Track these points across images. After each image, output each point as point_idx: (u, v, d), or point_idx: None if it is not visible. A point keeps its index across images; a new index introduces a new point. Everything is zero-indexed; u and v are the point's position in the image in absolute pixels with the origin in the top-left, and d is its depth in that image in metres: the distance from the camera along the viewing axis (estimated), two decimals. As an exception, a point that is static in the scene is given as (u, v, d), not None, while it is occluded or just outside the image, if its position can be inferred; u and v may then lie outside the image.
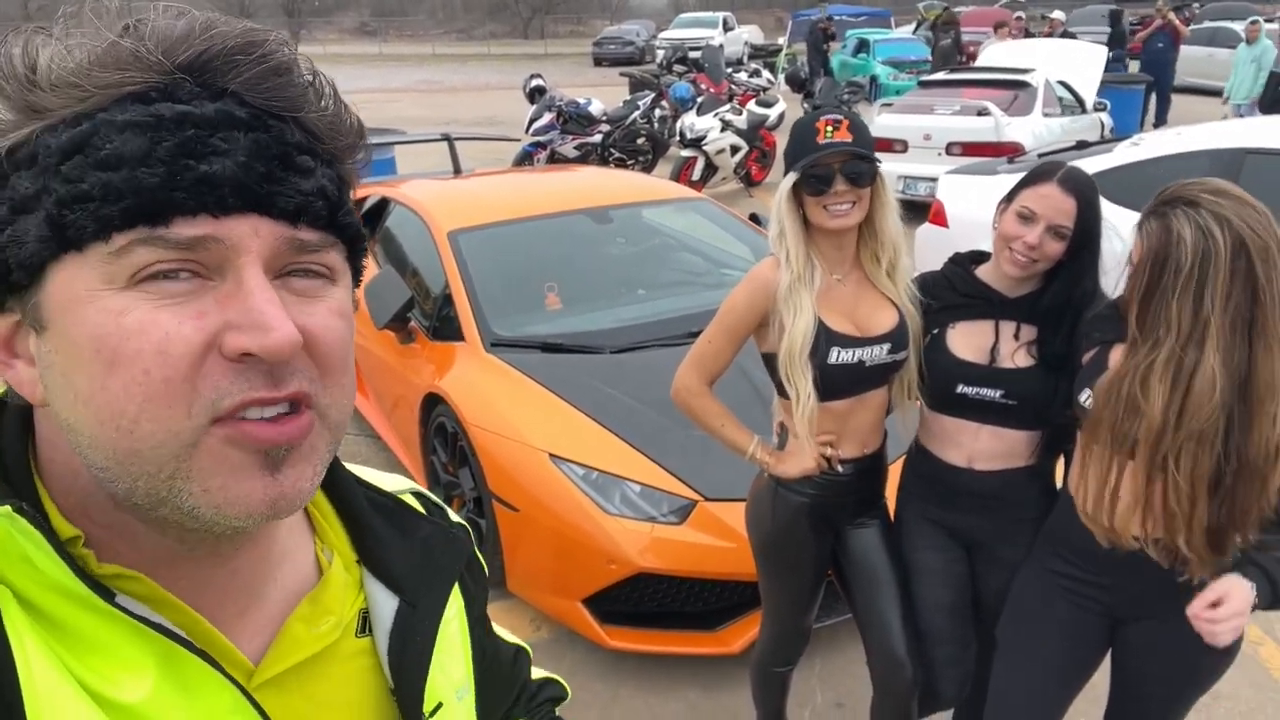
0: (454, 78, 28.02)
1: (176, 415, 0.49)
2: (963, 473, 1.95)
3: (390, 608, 0.67)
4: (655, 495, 2.75)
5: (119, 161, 0.48)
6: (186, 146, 0.49)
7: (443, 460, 3.40)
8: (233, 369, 0.49)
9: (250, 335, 0.49)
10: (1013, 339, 1.88)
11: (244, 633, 0.59)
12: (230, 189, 0.50)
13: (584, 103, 10.15)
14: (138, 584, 0.54)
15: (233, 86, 0.51)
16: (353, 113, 0.59)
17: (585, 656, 2.93)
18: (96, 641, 0.50)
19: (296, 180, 0.52)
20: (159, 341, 0.48)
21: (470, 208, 4.16)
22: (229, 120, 0.50)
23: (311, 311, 0.54)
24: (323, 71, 0.57)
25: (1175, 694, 1.80)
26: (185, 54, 0.51)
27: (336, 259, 0.57)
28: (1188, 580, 1.63)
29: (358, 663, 0.65)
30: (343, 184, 0.57)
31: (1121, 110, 11.23)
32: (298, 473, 0.53)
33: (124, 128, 0.49)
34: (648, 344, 3.41)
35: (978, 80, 9.19)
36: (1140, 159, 4.57)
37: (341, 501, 0.70)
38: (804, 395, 1.86)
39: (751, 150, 9.75)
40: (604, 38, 31.95)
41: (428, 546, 0.72)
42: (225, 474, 0.50)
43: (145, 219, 0.48)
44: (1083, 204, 1.77)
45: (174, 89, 0.50)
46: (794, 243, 1.87)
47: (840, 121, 1.81)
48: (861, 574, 2.09)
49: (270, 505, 0.52)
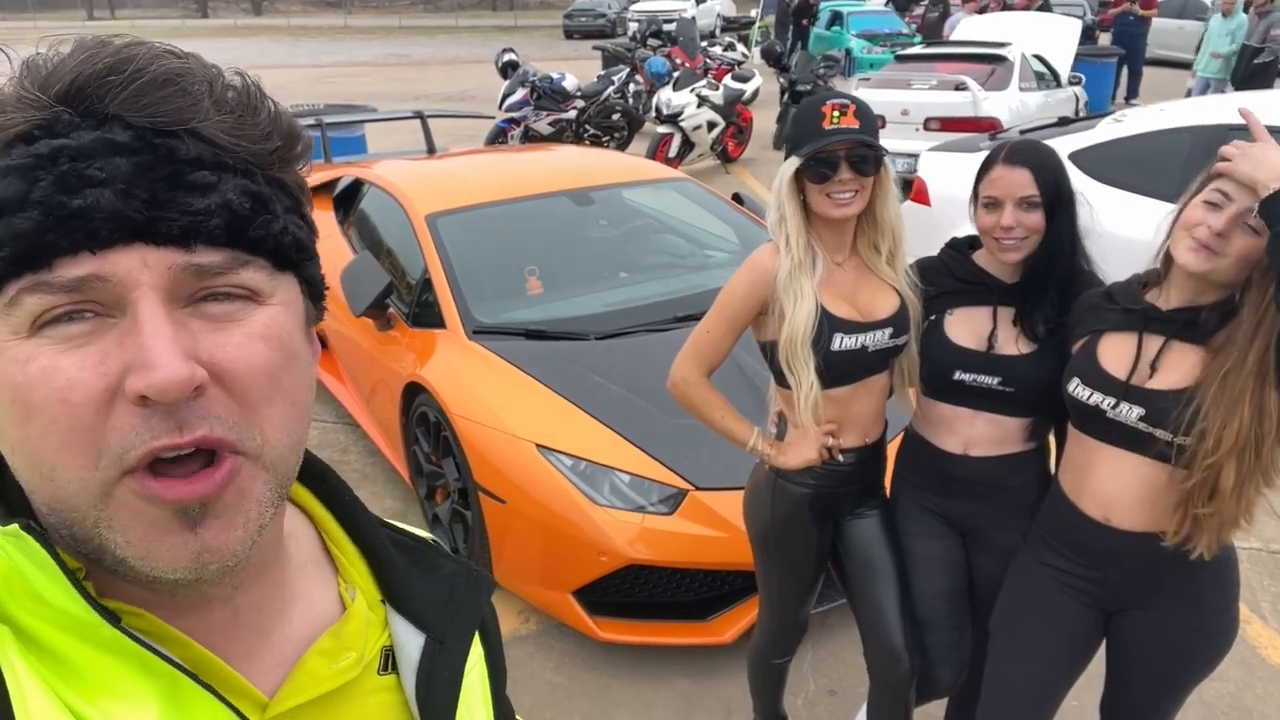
0: (422, 51, 27.58)
1: (86, 465, 0.47)
2: (959, 459, 1.94)
3: (416, 645, 0.65)
4: (645, 485, 2.71)
5: (1, 210, 0.47)
6: (62, 181, 0.47)
7: (425, 450, 3.33)
8: (139, 414, 0.47)
9: (140, 375, 0.47)
10: (1011, 325, 1.86)
11: (255, 670, 0.57)
12: (103, 221, 0.47)
13: (558, 78, 9.98)
14: (140, 619, 0.52)
15: (112, 109, 0.49)
16: (281, 114, 0.55)
17: (575, 648, 2.89)
18: (97, 674, 0.49)
19: (187, 199, 0.49)
20: (61, 389, 0.47)
21: (448, 190, 4.07)
22: (107, 146, 0.48)
23: (223, 342, 0.50)
24: (240, 73, 0.54)
25: (1169, 682, 1.80)
26: (59, 85, 0.49)
27: (255, 277, 0.52)
28: (1178, 571, 1.66)
29: (380, 699, 0.63)
30: (264, 194, 0.53)
31: (1095, 83, 11.25)
32: (223, 524, 0.50)
33: (6, 173, 0.48)
34: (633, 329, 3.36)
35: (954, 55, 9.15)
36: (1123, 135, 4.56)
37: (364, 541, 0.68)
38: (806, 384, 1.82)
39: (728, 126, 9.67)
40: (575, 10, 31.53)
41: (452, 585, 0.70)
42: (143, 528, 0.49)
43: (29, 265, 0.47)
44: (1034, 169, 1.77)
45: (54, 124, 0.49)
46: (795, 229, 1.83)
47: (847, 106, 1.76)
48: (859, 564, 2.07)
49: (195, 559, 0.50)
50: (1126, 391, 1.63)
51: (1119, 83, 13.13)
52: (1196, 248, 1.54)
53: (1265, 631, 2.95)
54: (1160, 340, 1.64)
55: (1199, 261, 1.54)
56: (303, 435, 0.56)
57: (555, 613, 2.84)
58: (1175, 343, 1.63)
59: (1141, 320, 1.67)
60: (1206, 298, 1.61)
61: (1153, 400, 1.60)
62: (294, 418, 0.54)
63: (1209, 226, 1.52)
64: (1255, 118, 1.60)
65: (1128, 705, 1.87)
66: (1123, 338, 1.69)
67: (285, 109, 0.56)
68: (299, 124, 0.57)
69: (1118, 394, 1.64)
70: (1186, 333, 1.62)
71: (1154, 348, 1.64)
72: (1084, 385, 1.69)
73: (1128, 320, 1.69)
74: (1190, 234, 1.55)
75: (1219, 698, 2.68)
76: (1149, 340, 1.65)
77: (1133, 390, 1.63)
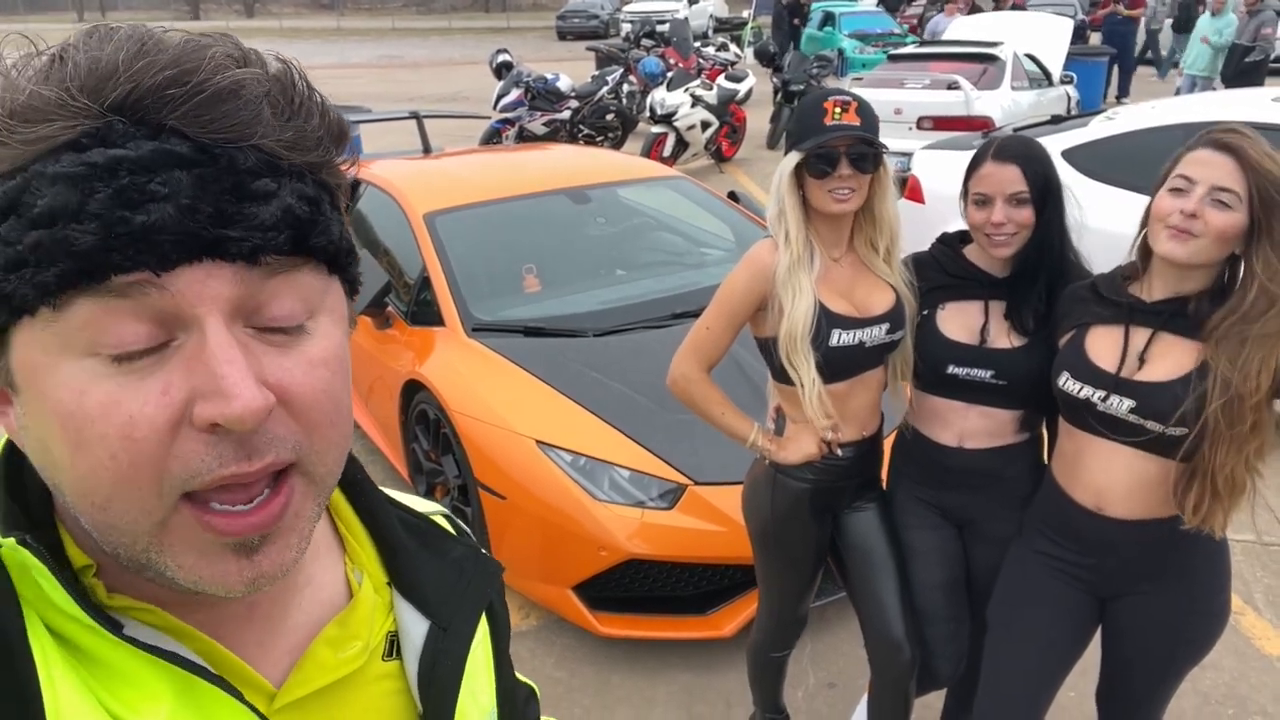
0: (415, 52, 27.56)
1: (147, 495, 0.46)
2: (953, 452, 1.96)
3: (420, 631, 0.65)
4: (644, 480, 2.73)
5: (51, 219, 0.44)
6: (122, 195, 0.44)
7: (425, 448, 3.34)
8: (205, 440, 0.46)
9: (214, 404, 0.45)
10: (1002, 319, 1.88)
11: (265, 659, 0.57)
12: (170, 241, 0.45)
13: (552, 78, 10.00)
14: (152, 615, 0.52)
15: (170, 122, 0.46)
16: (330, 112, 0.53)
17: (575, 642, 2.91)
18: (114, 666, 0.50)
19: (253, 210, 0.47)
20: (123, 426, 0.45)
21: (446, 189, 4.08)
22: (168, 159, 0.45)
23: (288, 365, 0.49)
24: (289, 69, 0.51)
25: (1163, 667, 1.83)
26: (114, 94, 0.46)
27: (310, 281, 0.51)
28: (1171, 556, 1.70)
29: (384, 686, 0.63)
30: (316, 198, 0.52)
31: (1087, 83, 11.30)
32: (278, 549, 0.51)
33: (55, 180, 0.44)
34: (631, 326, 3.37)
35: (946, 54, 9.18)
36: (1115, 133, 4.59)
37: (373, 522, 0.67)
38: (809, 380, 1.84)
39: (722, 126, 9.70)
40: (568, 11, 31.57)
41: (460, 569, 0.70)
42: (196, 554, 0.48)
43: (84, 280, 0.44)
44: (1023, 165, 1.78)
45: (107, 133, 0.45)
46: (794, 224, 1.84)
47: (849, 103, 1.78)
48: (858, 557, 2.08)
49: (249, 584, 0.50)
50: (1117, 384, 1.65)
51: (1110, 82, 13.16)
52: (1174, 234, 1.57)
53: (1259, 623, 2.98)
54: (1147, 332, 1.66)
55: (1179, 247, 1.57)
56: (349, 445, 0.55)
57: (555, 608, 2.85)
58: (1163, 334, 1.65)
59: (1127, 313, 1.69)
60: (1189, 286, 1.63)
61: (1143, 392, 1.62)
62: (345, 439, 0.54)
63: (1181, 210, 1.55)
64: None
65: (1123, 690, 1.89)
66: (1109, 330, 1.71)
67: (331, 103, 0.54)
68: (344, 118, 0.55)
69: (1108, 387, 1.66)
70: (1174, 324, 1.64)
71: (1141, 340, 1.67)
72: (1074, 379, 1.71)
73: (1114, 313, 1.71)
74: (1164, 224, 1.58)
75: (1214, 687, 2.70)
76: (1136, 332, 1.68)
77: (1123, 383, 1.65)
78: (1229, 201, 1.53)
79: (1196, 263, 1.59)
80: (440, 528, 0.73)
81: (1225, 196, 1.53)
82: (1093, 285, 1.78)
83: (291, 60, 0.52)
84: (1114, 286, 1.74)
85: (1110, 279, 1.77)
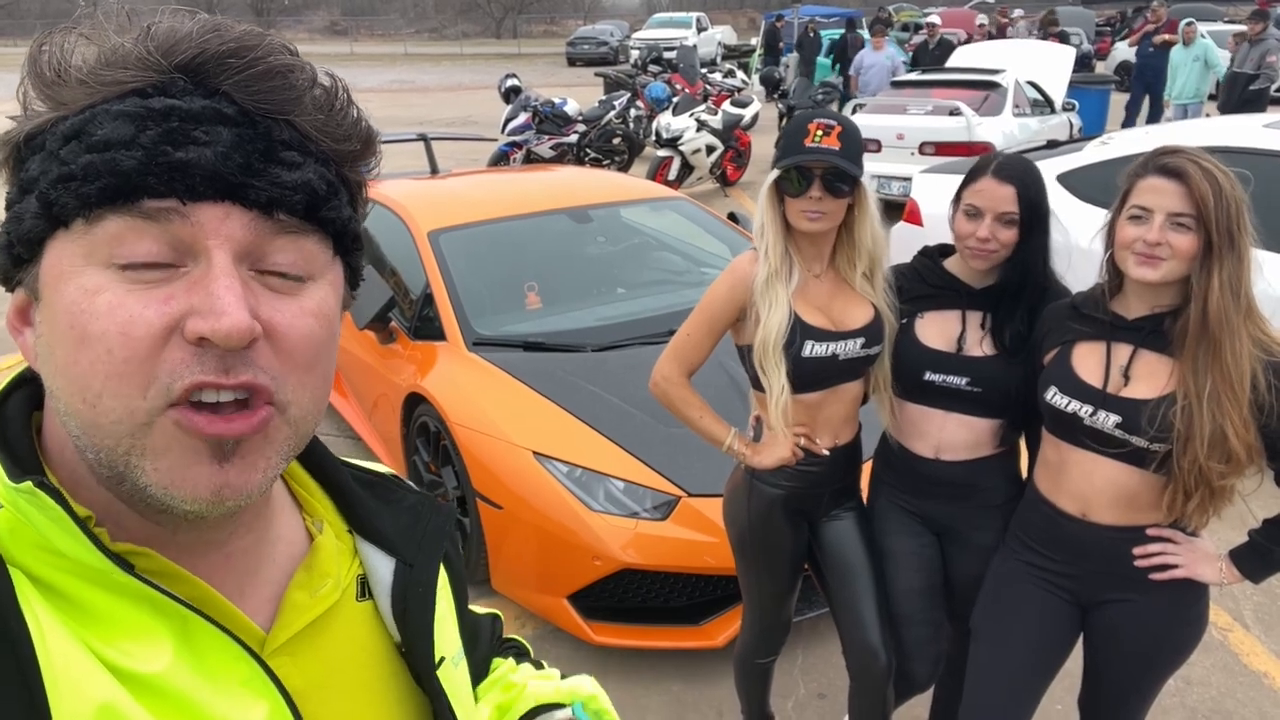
0: (426, 78, 27.87)
1: (134, 394, 0.51)
2: (930, 463, 2.01)
3: (388, 568, 0.69)
4: (639, 491, 2.77)
5: (105, 146, 0.51)
6: (170, 135, 0.52)
7: (425, 459, 3.40)
8: (191, 352, 0.51)
9: (205, 319, 0.50)
10: (979, 328, 1.94)
11: (247, 607, 0.60)
12: (202, 177, 0.52)
13: (559, 103, 10.14)
14: (148, 559, 0.55)
15: (224, 87, 0.54)
16: (364, 121, 0.61)
17: (570, 652, 2.94)
18: (113, 617, 0.52)
19: (277, 171, 0.54)
20: (123, 324, 0.50)
21: (450, 207, 4.16)
22: (215, 115, 0.53)
23: (280, 307, 0.55)
24: (335, 81, 0.59)
25: (1143, 673, 1.87)
26: (182, 55, 0.54)
27: (315, 247, 0.58)
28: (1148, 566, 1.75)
29: (362, 625, 0.68)
30: (335, 183, 0.58)
31: (1090, 110, 11.38)
32: (247, 464, 0.54)
33: (116, 116, 0.52)
34: (629, 342, 3.43)
35: (949, 81, 9.29)
36: (1108, 158, 4.66)
37: (325, 477, 0.72)
38: (777, 387, 1.89)
39: (727, 150, 9.81)
40: (578, 38, 31.89)
41: (416, 513, 0.75)
42: (174, 455, 0.52)
43: (120, 198, 0.51)
44: (1020, 187, 1.83)
45: (169, 86, 0.54)
46: (773, 238, 1.90)
47: (832, 128, 1.82)
48: (836, 565, 2.13)
49: (215, 493, 0.53)
50: (1104, 400, 1.70)
51: (1139, 111, 12.94)
52: (1142, 260, 1.64)
53: (1247, 638, 3.00)
54: (1129, 349, 1.72)
55: (1150, 271, 1.64)
56: (323, 408, 0.60)
57: (550, 617, 2.89)
58: (1143, 351, 1.71)
59: (1108, 330, 1.75)
60: (1165, 301, 1.69)
61: (1129, 408, 1.68)
62: (322, 390, 0.58)
63: (1145, 240, 1.63)
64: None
65: (1105, 695, 1.92)
66: (1093, 347, 1.77)
67: (368, 118, 0.62)
68: (376, 133, 0.63)
69: (1095, 402, 1.71)
70: (1152, 341, 1.70)
71: (1124, 356, 1.72)
72: (1061, 394, 1.76)
73: (1095, 330, 1.77)
74: (1131, 251, 1.66)
75: (1201, 702, 2.72)
76: (1117, 349, 1.73)
77: (1110, 399, 1.70)
78: (1187, 224, 1.60)
79: (1169, 280, 1.65)
80: (391, 480, 0.78)
81: (1183, 220, 1.60)
82: (1072, 304, 1.84)
83: (340, 77, 0.60)
84: (1094, 304, 1.80)
85: (1089, 297, 1.82)
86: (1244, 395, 1.58)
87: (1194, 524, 1.71)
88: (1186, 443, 1.60)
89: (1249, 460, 1.62)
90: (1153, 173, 1.65)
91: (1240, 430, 1.58)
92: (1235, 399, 1.58)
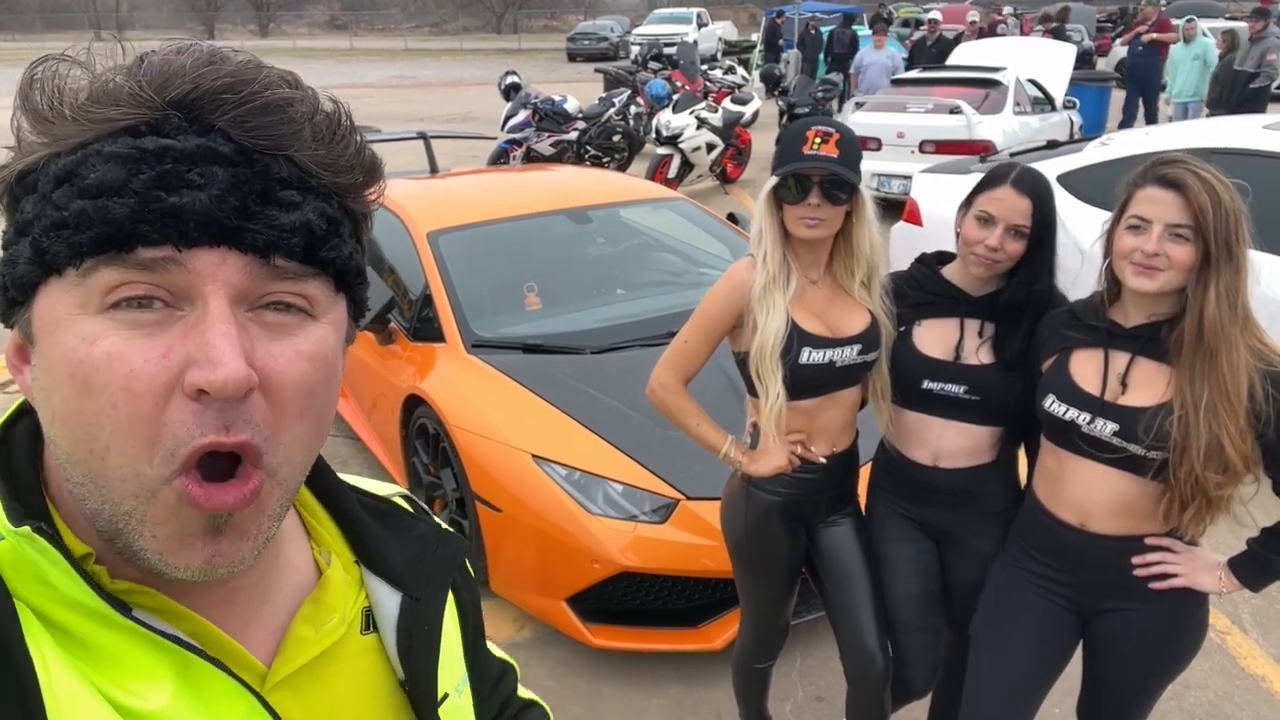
0: (427, 73, 27.83)
1: (141, 457, 0.50)
2: (928, 470, 2.01)
3: (394, 603, 0.68)
4: (637, 494, 2.78)
5: (97, 191, 0.50)
6: (163, 179, 0.50)
7: (424, 461, 3.40)
8: (193, 409, 0.50)
9: (202, 370, 0.49)
10: (977, 336, 1.93)
11: (250, 640, 0.60)
12: (196, 222, 0.50)
13: (559, 100, 10.12)
14: (149, 598, 0.55)
15: (220, 123, 0.52)
16: (366, 150, 0.59)
17: (568, 654, 2.95)
18: (115, 654, 0.52)
19: (275, 214, 0.53)
20: (125, 377, 0.49)
21: (449, 208, 4.16)
22: (209, 155, 0.51)
23: (277, 353, 0.53)
24: (337, 106, 0.58)
25: (1143, 681, 1.87)
26: (175, 91, 0.52)
27: (317, 290, 0.56)
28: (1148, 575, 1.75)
29: (365, 659, 0.67)
30: (336, 219, 0.57)
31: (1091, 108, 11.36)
32: (239, 532, 0.54)
33: (108, 158, 0.50)
34: (628, 344, 3.43)
35: (949, 79, 9.28)
36: (1109, 158, 4.65)
37: (334, 505, 0.71)
38: (773, 394, 1.89)
39: (727, 148, 9.80)
40: (578, 33, 31.84)
41: (424, 543, 0.74)
42: (173, 526, 0.51)
43: (113, 247, 0.49)
44: (1037, 202, 1.83)
45: (163, 124, 0.52)
46: (771, 245, 1.90)
47: (830, 135, 1.82)
48: (833, 571, 2.13)
49: (207, 562, 0.53)
50: (1102, 408, 1.70)
51: (1136, 111, 12.93)
52: (1139, 270, 1.64)
53: (1245, 642, 3.00)
54: (1127, 357, 1.72)
55: (1148, 282, 1.65)
56: (318, 448, 0.59)
57: (549, 620, 2.90)
58: (1141, 359, 1.71)
59: (1106, 338, 1.75)
60: (1162, 310, 1.69)
61: (1126, 416, 1.68)
62: (315, 434, 0.57)
63: (1143, 250, 1.63)
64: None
65: (1104, 703, 1.93)
66: (1091, 354, 1.77)
67: (368, 142, 0.60)
68: (379, 158, 0.61)
69: (1094, 410, 1.71)
70: (1150, 349, 1.70)
71: (1121, 364, 1.72)
72: (1060, 401, 1.76)
73: (1093, 338, 1.77)
74: (1129, 261, 1.66)
75: (1198, 705, 2.73)
76: (1115, 357, 1.74)
77: (1107, 406, 1.70)
78: (1185, 235, 1.61)
79: (1166, 290, 1.65)
80: (400, 507, 0.76)
81: (1181, 231, 1.61)
82: (1070, 311, 1.84)
83: (342, 101, 0.59)
84: (1092, 312, 1.80)
85: (1088, 305, 1.83)
86: (1240, 405, 1.58)
87: (1191, 533, 1.71)
88: (1183, 453, 1.60)
89: (1246, 470, 1.62)
90: (1152, 183, 1.64)
91: (1237, 440, 1.58)
92: (1231, 409, 1.58)
